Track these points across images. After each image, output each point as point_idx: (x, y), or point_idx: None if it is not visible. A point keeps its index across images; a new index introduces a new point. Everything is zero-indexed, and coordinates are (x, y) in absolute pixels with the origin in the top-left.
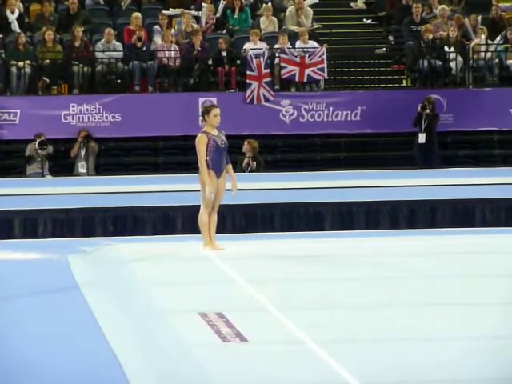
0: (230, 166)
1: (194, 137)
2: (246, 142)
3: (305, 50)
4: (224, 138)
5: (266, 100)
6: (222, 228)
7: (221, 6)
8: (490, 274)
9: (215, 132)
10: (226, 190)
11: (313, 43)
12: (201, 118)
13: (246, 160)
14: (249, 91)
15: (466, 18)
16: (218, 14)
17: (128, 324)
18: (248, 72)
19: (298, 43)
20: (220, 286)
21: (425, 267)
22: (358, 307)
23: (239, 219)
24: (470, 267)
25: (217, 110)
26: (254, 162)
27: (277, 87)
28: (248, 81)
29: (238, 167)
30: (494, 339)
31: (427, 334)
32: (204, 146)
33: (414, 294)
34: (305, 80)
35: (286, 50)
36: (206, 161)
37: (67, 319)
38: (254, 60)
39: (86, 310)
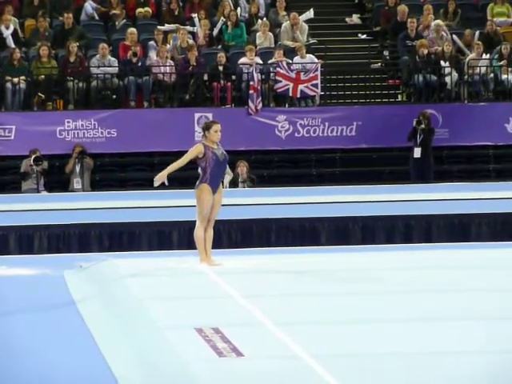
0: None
1: None
2: (240, 164)
3: (303, 64)
4: (224, 151)
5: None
6: (217, 243)
7: (220, 23)
8: (484, 289)
9: (215, 146)
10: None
11: (311, 57)
12: (201, 134)
13: (240, 185)
14: (250, 102)
15: (454, 35)
16: (216, 31)
17: (124, 340)
18: (251, 83)
19: (296, 58)
20: (216, 301)
21: (421, 282)
22: (356, 322)
23: (235, 234)
24: (464, 281)
25: (217, 126)
26: (250, 183)
27: (272, 104)
28: (250, 91)
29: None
30: (481, 354)
31: (427, 348)
32: (193, 154)
33: (411, 309)
34: (298, 95)
35: (284, 64)
36: (206, 175)
37: (63, 335)
38: (255, 74)
39: (81, 326)
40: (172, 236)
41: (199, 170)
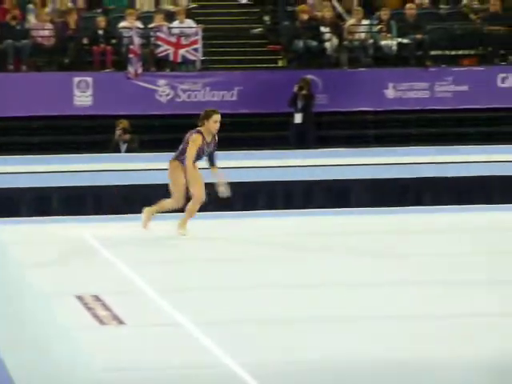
0: (215, 168)
1: (69, 117)
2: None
3: (181, 29)
4: (214, 144)
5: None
6: (98, 210)
7: None
8: (359, 253)
9: (209, 138)
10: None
11: (190, 22)
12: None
13: (118, 132)
14: (130, 66)
15: (335, 0)
16: None
17: (4, 308)
18: (131, 47)
19: (175, 23)
20: (97, 269)
21: (298, 246)
22: (239, 288)
23: (118, 201)
24: (340, 247)
25: (217, 117)
26: (127, 135)
27: (153, 69)
28: (130, 55)
29: (110, 147)
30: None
31: (312, 313)
32: (196, 148)
33: (297, 274)
34: (179, 60)
35: (165, 28)
36: (183, 157)
37: None
38: (135, 38)
39: None
40: (51, 202)
41: (180, 147)
